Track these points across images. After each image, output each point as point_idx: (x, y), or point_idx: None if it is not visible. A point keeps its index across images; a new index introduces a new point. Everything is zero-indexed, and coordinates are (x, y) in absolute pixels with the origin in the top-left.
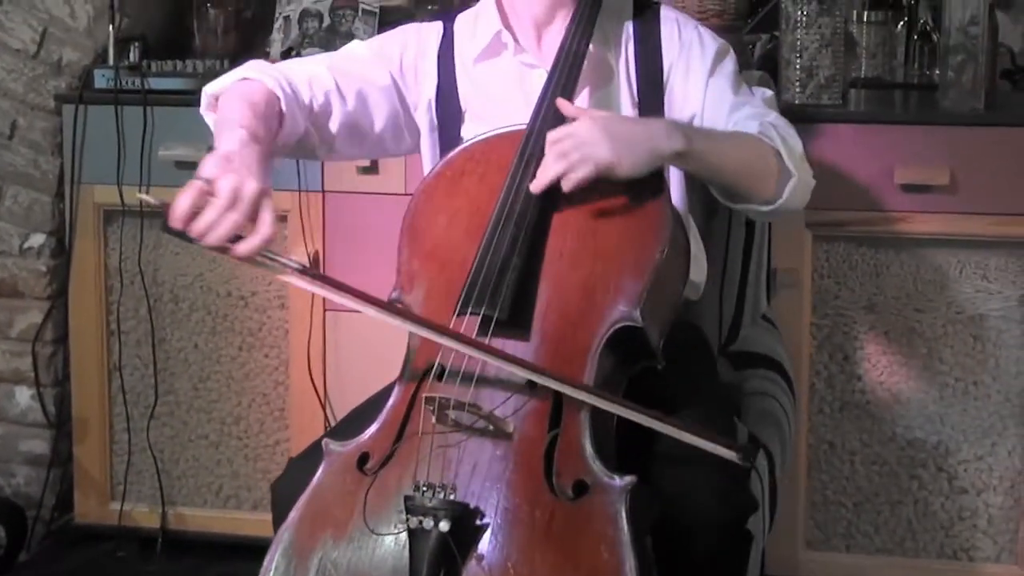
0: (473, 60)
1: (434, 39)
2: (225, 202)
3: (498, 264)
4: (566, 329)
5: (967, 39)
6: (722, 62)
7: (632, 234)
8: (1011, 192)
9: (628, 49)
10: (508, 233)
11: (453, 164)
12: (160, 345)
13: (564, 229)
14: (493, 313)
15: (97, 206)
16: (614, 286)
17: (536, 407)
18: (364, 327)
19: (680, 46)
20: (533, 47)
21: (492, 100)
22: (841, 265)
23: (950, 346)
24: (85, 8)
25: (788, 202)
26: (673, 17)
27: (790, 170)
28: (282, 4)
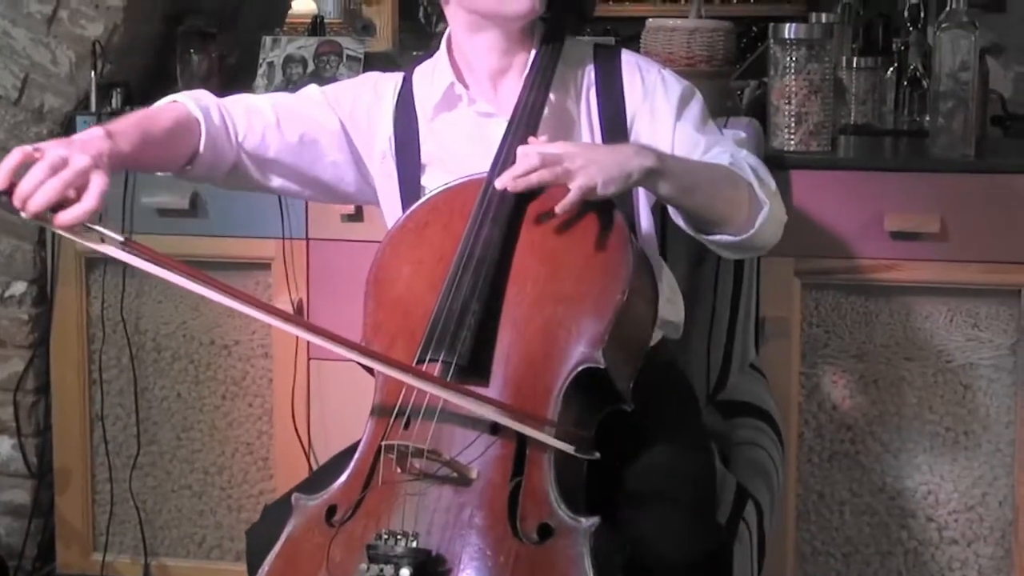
0: (431, 111)
1: (391, 90)
2: (48, 166)
3: (458, 309)
4: (528, 373)
5: (957, 85)
6: (688, 105)
7: (593, 276)
8: (1002, 240)
9: (590, 95)
10: (468, 278)
11: (416, 215)
12: (143, 394)
13: (524, 273)
14: (452, 358)
15: (79, 254)
16: (575, 328)
17: (499, 452)
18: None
19: (644, 92)
20: (489, 96)
21: (453, 151)
22: (830, 313)
23: (940, 395)
24: (67, 54)
25: (760, 233)
26: (634, 62)
27: (762, 200)
28: (266, 50)
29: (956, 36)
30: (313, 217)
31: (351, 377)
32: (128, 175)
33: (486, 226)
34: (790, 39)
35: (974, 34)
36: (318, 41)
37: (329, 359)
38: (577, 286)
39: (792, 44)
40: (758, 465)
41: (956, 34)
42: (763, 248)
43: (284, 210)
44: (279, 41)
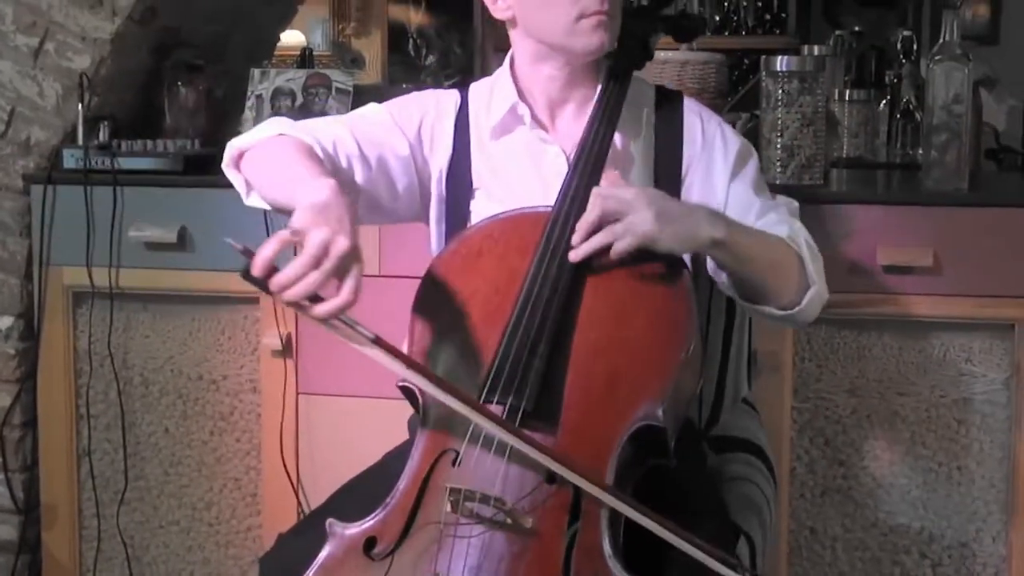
0: (488, 133)
1: (452, 107)
2: (310, 259)
3: (525, 352)
4: (591, 424)
5: (951, 118)
6: (745, 164)
7: (659, 329)
8: (996, 274)
9: (648, 137)
10: (535, 319)
11: (470, 242)
12: (130, 429)
13: (590, 318)
14: (520, 403)
15: (66, 288)
16: (639, 382)
17: (556, 502)
18: (337, 411)
19: (703, 143)
20: (548, 124)
21: (505, 176)
22: (823, 348)
23: (933, 430)
24: (54, 87)
25: (805, 310)
26: (696, 111)
27: (812, 278)
28: (254, 83)
29: (949, 69)
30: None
31: (340, 412)
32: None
33: (553, 266)
34: (782, 72)
35: (967, 67)
36: (307, 74)
37: (318, 394)
38: (643, 338)
39: (784, 77)
40: (750, 501)
41: (949, 67)
42: (803, 323)
43: None
44: (267, 74)
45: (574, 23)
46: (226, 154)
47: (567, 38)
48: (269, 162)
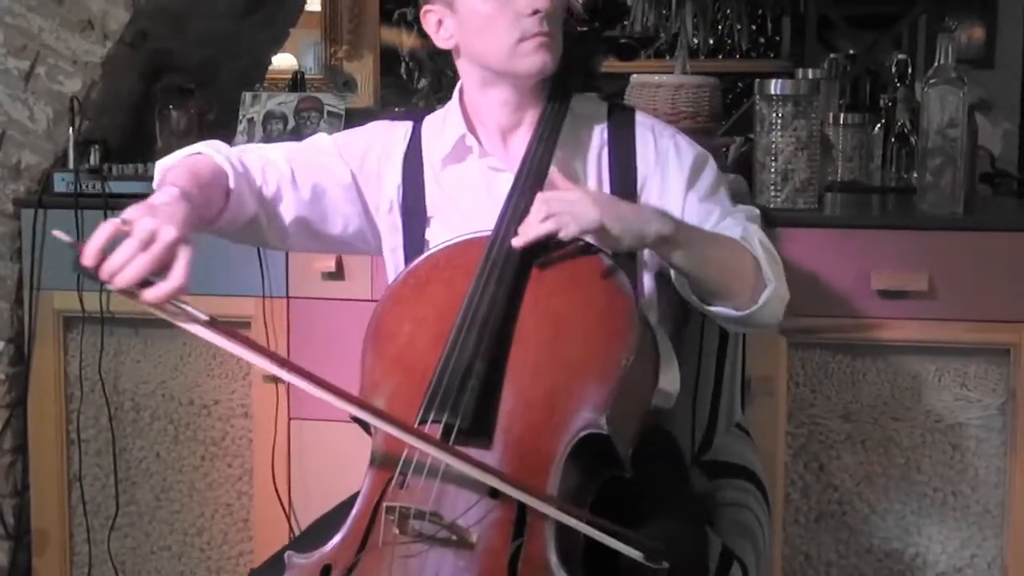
0: (439, 163)
1: (401, 139)
2: (138, 242)
3: (461, 370)
4: (530, 438)
5: (946, 142)
6: (701, 173)
7: (597, 340)
8: (991, 298)
9: (601, 155)
10: (472, 338)
11: (418, 271)
12: (121, 455)
13: (528, 335)
14: (455, 421)
15: (57, 312)
16: (579, 393)
17: (499, 516)
18: (330, 436)
19: (656, 156)
20: (499, 151)
21: (459, 204)
22: (817, 373)
23: (928, 455)
24: (45, 111)
25: (762, 311)
26: (649, 124)
27: (767, 277)
28: (246, 106)
29: (944, 92)
30: (293, 275)
31: (332, 437)
32: None
33: (491, 285)
34: (776, 95)
35: (963, 90)
36: (298, 97)
37: (310, 419)
38: (581, 350)
39: (778, 100)
40: (744, 526)
41: (944, 90)
42: (764, 326)
43: (264, 268)
44: (259, 97)
45: (515, 46)
46: (155, 175)
47: (509, 62)
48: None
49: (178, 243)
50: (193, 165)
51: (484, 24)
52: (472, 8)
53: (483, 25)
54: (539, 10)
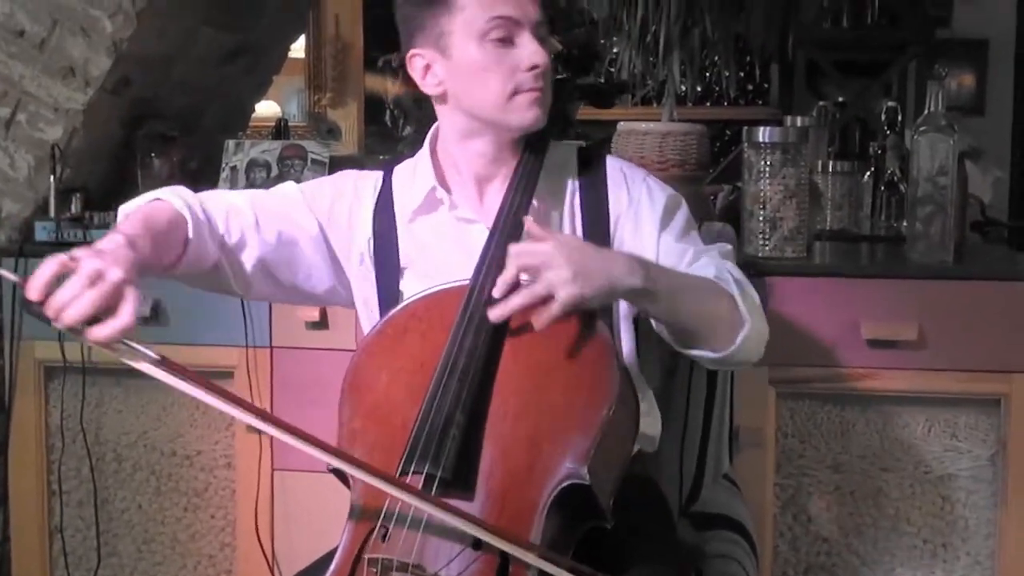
0: (410, 214)
1: (371, 190)
2: (85, 278)
3: (441, 421)
4: (512, 487)
5: (936, 190)
6: (673, 215)
7: (579, 390)
8: (981, 348)
9: (574, 202)
10: (451, 389)
11: (395, 322)
12: (103, 506)
13: (508, 385)
14: (437, 471)
15: (38, 362)
16: (561, 444)
17: (482, 567)
18: (313, 487)
19: (628, 199)
20: (473, 202)
21: (431, 255)
22: (806, 423)
23: (918, 507)
24: (26, 158)
25: (740, 350)
26: (619, 167)
27: (743, 316)
28: (229, 154)
29: (934, 140)
30: (277, 325)
31: (316, 488)
32: None
33: (469, 335)
34: (764, 143)
35: (953, 138)
36: (282, 145)
37: (293, 470)
38: (562, 400)
39: (766, 148)
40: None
41: (934, 138)
42: (744, 363)
43: (247, 317)
44: (242, 145)
45: (508, 99)
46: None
47: (501, 113)
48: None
49: (124, 283)
50: (150, 212)
51: (479, 73)
52: (468, 56)
53: (478, 74)
54: (538, 65)
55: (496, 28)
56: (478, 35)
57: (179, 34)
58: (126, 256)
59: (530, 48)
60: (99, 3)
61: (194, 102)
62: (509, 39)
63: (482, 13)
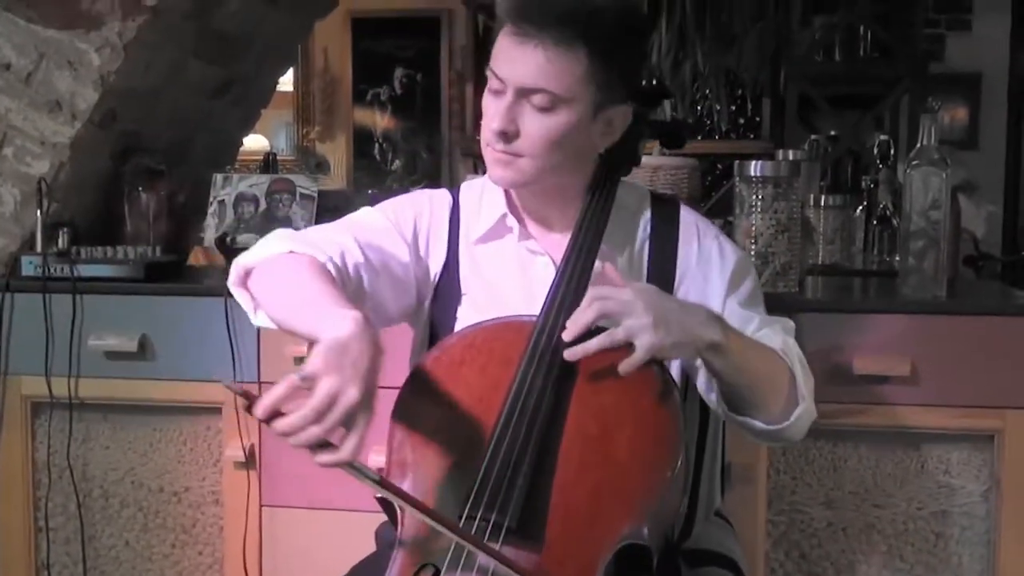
0: (476, 239)
1: (446, 210)
2: (313, 412)
3: (509, 467)
4: (573, 541)
5: (928, 224)
6: (743, 280)
7: (646, 446)
8: (975, 384)
9: (643, 250)
10: (520, 434)
11: (452, 351)
12: (90, 543)
13: (575, 431)
14: (504, 520)
15: (25, 398)
16: (625, 501)
17: None
18: (302, 524)
19: (699, 256)
20: (538, 233)
21: (491, 283)
22: (798, 459)
23: (911, 543)
24: (12, 193)
25: (792, 428)
26: (693, 221)
27: (802, 395)
28: (217, 188)
29: (927, 174)
30: (265, 360)
31: (304, 524)
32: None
33: (539, 377)
34: (756, 177)
35: (945, 171)
36: (270, 179)
37: (281, 506)
38: (628, 454)
39: (758, 182)
40: None
41: (927, 171)
42: (789, 441)
43: (235, 353)
44: (230, 179)
45: (484, 148)
46: (232, 272)
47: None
48: (283, 284)
49: (357, 408)
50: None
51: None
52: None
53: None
54: (491, 128)
55: (491, 80)
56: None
57: (167, 67)
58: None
59: (494, 110)
60: (86, 36)
61: (182, 135)
62: (501, 92)
63: (490, 60)
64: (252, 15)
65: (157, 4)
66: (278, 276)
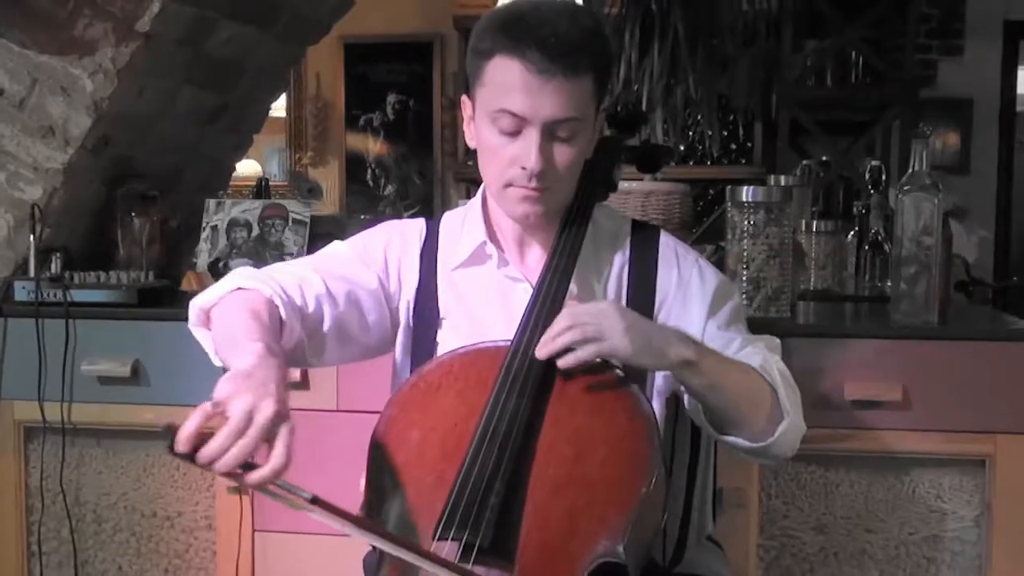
0: (457, 265)
1: (417, 237)
2: (233, 430)
3: (481, 487)
4: (548, 560)
5: (920, 250)
6: (724, 302)
7: (620, 465)
8: (966, 409)
9: (622, 275)
10: (492, 454)
11: (428, 377)
12: (83, 567)
13: (549, 452)
14: (476, 540)
15: (17, 423)
16: (597, 520)
17: None
18: (293, 548)
19: (678, 280)
20: (516, 260)
21: (471, 309)
22: (789, 484)
23: (903, 568)
24: (5, 218)
25: (778, 443)
26: (672, 246)
27: (785, 410)
28: (209, 213)
29: (919, 199)
30: None
31: (296, 549)
32: (68, 339)
33: (512, 398)
34: (748, 202)
35: (937, 197)
36: (263, 204)
37: (274, 531)
38: (601, 473)
39: (750, 207)
40: None
41: (919, 197)
42: (779, 457)
43: None
44: (223, 204)
45: (503, 188)
46: (191, 313)
47: (498, 198)
48: (221, 322)
49: (276, 420)
50: (248, 304)
51: (486, 153)
52: (481, 133)
53: (486, 153)
54: (526, 168)
55: (503, 118)
56: (490, 119)
57: (160, 93)
58: (275, 373)
59: (526, 149)
60: (79, 62)
61: (175, 161)
62: (517, 132)
63: (495, 99)
64: (244, 41)
65: (150, 30)
66: (222, 315)
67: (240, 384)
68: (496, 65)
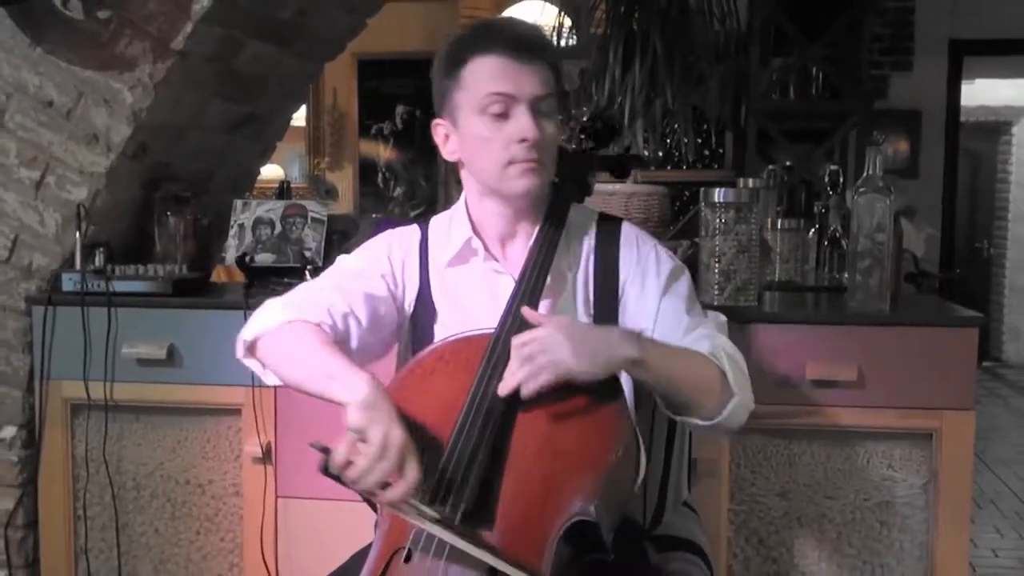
0: (446, 263)
1: (414, 240)
2: (376, 452)
3: (467, 456)
4: (527, 521)
5: (874, 245)
6: (676, 282)
7: (591, 433)
8: (915, 388)
9: (589, 262)
10: (475, 431)
11: (423, 363)
12: (123, 530)
13: (528, 428)
14: (460, 502)
15: (65, 400)
16: (572, 483)
17: None
18: (313, 513)
19: (637, 261)
20: (499, 255)
21: (461, 302)
22: (756, 455)
23: (858, 531)
24: (54, 216)
25: (727, 420)
26: (633, 234)
27: (733, 390)
28: (237, 212)
29: (872, 200)
30: None
31: (316, 514)
32: (110, 326)
33: (494, 380)
34: (719, 203)
35: (889, 198)
36: (285, 204)
37: (296, 497)
38: (576, 443)
39: (721, 207)
40: None
41: (872, 198)
42: (730, 431)
43: None
44: (249, 204)
45: (504, 168)
46: (238, 346)
47: (499, 181)
48: (290, 354)
49: (407, 444)
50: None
51: (481, 144)
52: (472, 129)
53: (480, 145)
54: (526, 139)
55: (493, 103)
56: (479, 110)
57: (193, 105)
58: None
59: (522, 122)
60: (120, 77)
61: (206, 166)
62: (505, 113)
63: (482, 89)
64: (268, 58)
65: (184, 48)
66: (284, 346)
67: (370, 414)
68: (474, 65)
